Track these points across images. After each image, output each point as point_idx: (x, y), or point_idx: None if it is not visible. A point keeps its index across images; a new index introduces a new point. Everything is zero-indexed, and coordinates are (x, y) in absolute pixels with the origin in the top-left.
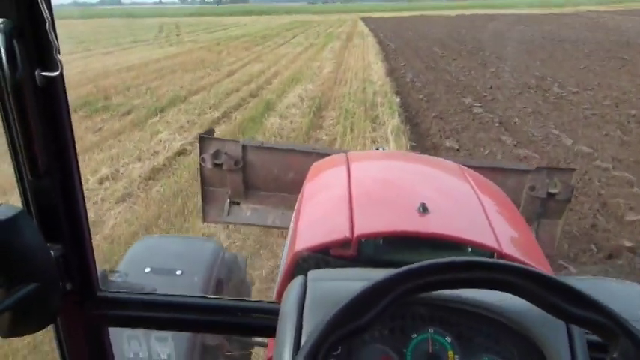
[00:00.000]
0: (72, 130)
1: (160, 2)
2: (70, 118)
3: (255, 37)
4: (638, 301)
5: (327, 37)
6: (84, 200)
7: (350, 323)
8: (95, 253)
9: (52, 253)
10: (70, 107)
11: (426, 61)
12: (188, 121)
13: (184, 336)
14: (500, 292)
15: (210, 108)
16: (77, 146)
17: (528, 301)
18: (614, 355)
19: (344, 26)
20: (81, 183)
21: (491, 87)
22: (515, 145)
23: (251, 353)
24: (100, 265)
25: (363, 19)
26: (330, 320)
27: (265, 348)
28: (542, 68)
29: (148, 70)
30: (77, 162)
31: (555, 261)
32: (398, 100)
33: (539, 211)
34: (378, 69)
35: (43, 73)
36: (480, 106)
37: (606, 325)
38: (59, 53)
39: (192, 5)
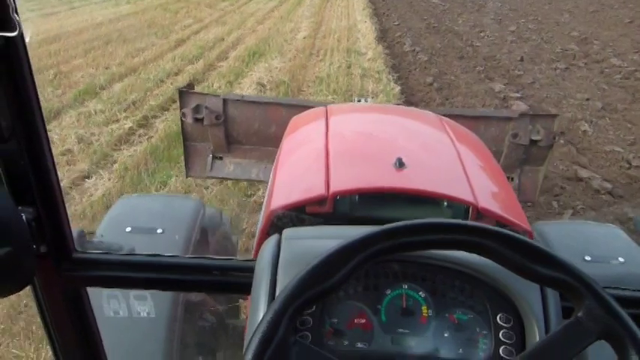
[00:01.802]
0: (36, 92)
1: None
2: (33, 80)
3: None
4: (615, 244)
5: None
6: (54, 162)
7: (318, 285)
8: None
9: (24, 216)
10: (32, 68)
11: (426, 17)
12: (80, 139)
13: (165, 293)
14: None
15: (126, 109)
16: None
17: (495, 262)
18: (579, 314)
19: None
20: (49, 145)
21: (522, 59)
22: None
23: (238, 307)
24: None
25: None
26: (298, 283)
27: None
28: (575, 24)
29: (77, 42)
30: (44, 123)
31: None
32: (398, 89)
33: (522, 157)
34: (366, 31)
35: (1, 34)
36: (521, 98)
37: (573, 285)
38: (16, 13)
39: None
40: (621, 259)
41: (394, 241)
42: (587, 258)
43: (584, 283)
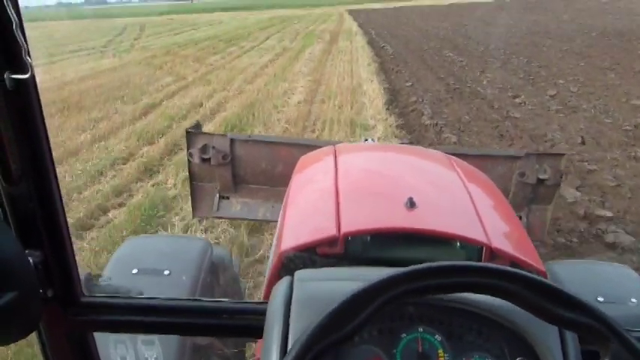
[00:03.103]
0: (47, 134)
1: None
2: (43, 121)
3: (221, 40)
4: (628, 284)
5: (307, 38)
6: (62, 205)
7: (335, 332)
8: None
9: (31, 260)
10: (43, 110)
11: (442, 75)
12: None
13: (172, 338)
14: None
15: None
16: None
17: (516, 304)
18: (606, 359)
19: (328, 22)
20: (59, 187)
21: (583, 142)
22: None
23: (245, 350)
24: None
25: (350, 12)
26: (314, 330)
27: (257, 344)
28: (628, 86)
29: None
30: (54, 166)
31: None
32: None
33: (530, 196)
34: (373, 95)
35: (13, 76)
36: (615, 220)
37: (597, 328)
38: (29, 55)
39: (176, 2)
40: (634, 300)
41: (409, 286)
42: (600, 299)
43: (609, 327)
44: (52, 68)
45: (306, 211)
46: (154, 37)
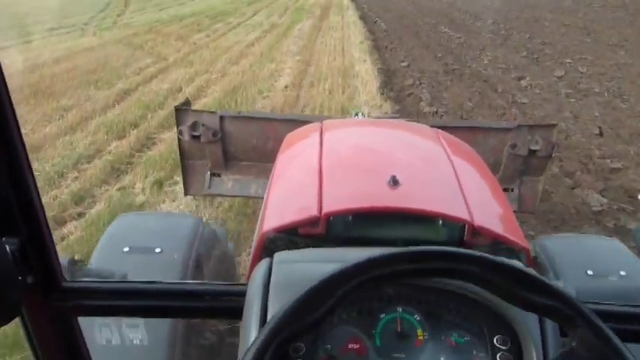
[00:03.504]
0: (16, 120)
1: None
2: (12, 106)
3: (207, 15)
4: (617, 258)
5: (296, 14)
6: (37, 191)
7: (303, 318)
8: None
9: (8, 247)
10: (11, 95)
11: (440, 54)
12: None
13: (156, 321)
14: None
15: None
16: None
17: (485, 289)
18: (574, 345)
19: None
20: (32, 173)
21: (600, 133)
22: None
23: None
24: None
25: None
26: (282, 315)
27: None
28: None
29: None
30: (25, 151)
31: None
32: None
33: (521, 168)
34: (366, 77)
35: None
36: None
37: (566, 313)
38: None
39: None
40: (623, 273)
41: (376, 273)
42: (590, 272)
43: (578, 311)
44: (27, 48)
45: (289, 190)
46: (139, 13)
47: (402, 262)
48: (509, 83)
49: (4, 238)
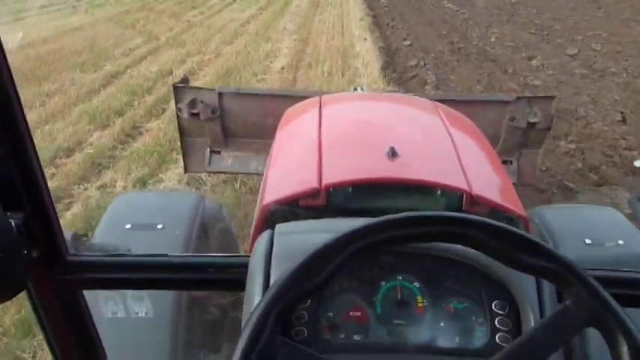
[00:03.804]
0: (18, 96)
1: None
2: (14, 85)
3: None
4: (615, 227)
5: None
6: (40, 166)
7: (302, 284)
8: None
9: (13, 222)
10: (12, 72)
11: (445, 31)
12: None
13: (163, 292)
14: None
15: None
16: None
17: (483, 252)
18: (568, 302)
19: None
20: (35, 149)
21: (623, 119)
22: None
23: (241, 299)
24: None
25: None
26: (281, 284)
27: None
28: None
29: None
30: (28, 127)
31: None
32: None
33: (520, 140)
34: (367, 57)
35: None
36: None
37: (560, 273)
38: None
39: None
40: (621, 242)
41: (377, 237)
42: (588, 241)
43: (572, 271)
44: (14, 27)
45: (289, 164)
46: None
47: (408, 226)
48: (520, 63)
49: (8, 213)
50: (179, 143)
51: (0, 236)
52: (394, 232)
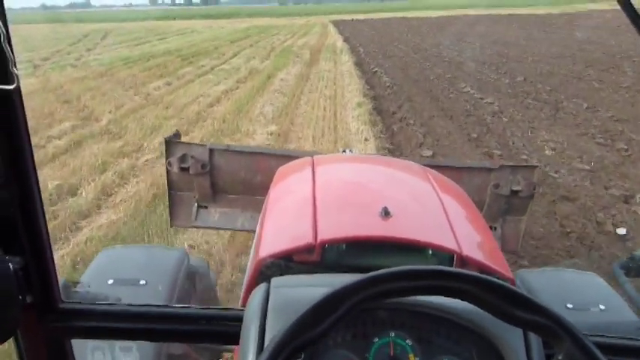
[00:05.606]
0: (30, 142)
1: (130, 5)
2: (27, 131)
3: (180, 55)
4: (596, 292)
5: (282, 56)
6: (44, 212)
7: (305, 334)
8: None
9: (11, 266)
10: (27, 120)
11: (475, 134)
12: None
13: (149, 345)
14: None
15: None
16: None
17: (478, 307)
18: (560, 358)
19: (310, 34)
20: (40, 195)
21: None
22: None
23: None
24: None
25: (335, 23)
26: (285, 333)
27: (233, 353)
28: None
29: None
30: (36, 173)
31: None
32: None
33: (504, 207)
34: None
35: (0, 87)
36: None
37: (553, 329)
38: (15, 67)
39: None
40: (602, 307)
41: (378, 288)
42: (569, 305)
43: (564, 328)
44: None
45: (284, 219)
46: (109, 49)
47: (404, 279)
48: (601, 200)
49: (7, 257)
50: None
51: None
52: (396, 284)
